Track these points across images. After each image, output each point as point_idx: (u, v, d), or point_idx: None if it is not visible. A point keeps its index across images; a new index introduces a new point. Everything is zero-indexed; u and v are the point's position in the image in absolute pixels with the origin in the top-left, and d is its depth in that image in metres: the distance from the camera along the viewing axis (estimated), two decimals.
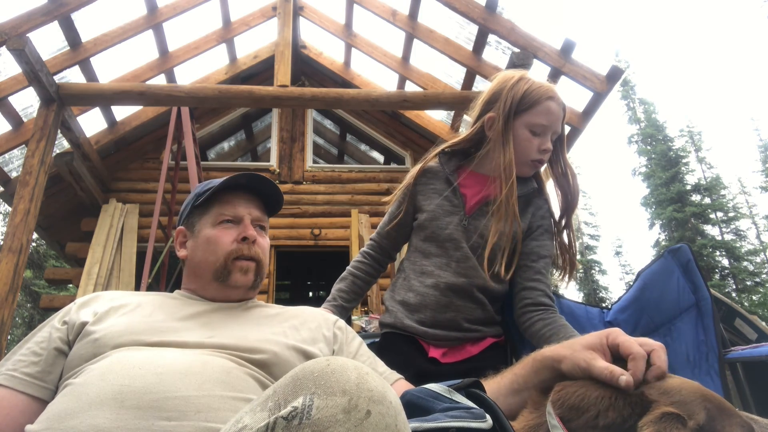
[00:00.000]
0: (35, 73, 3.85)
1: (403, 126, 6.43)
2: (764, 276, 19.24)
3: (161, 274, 4.99)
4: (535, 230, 1.41)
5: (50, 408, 0.79)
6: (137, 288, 4.70)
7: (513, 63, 4.15)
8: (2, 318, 3.48)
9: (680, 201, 20.99)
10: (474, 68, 4.86)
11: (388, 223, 1.53)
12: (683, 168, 21.97)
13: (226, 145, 7.33)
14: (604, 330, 0.79)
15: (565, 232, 1.45)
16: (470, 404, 0.66)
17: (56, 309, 2.96)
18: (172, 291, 1.11)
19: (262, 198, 1.14)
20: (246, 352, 0.89)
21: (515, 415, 0.78)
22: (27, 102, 4.87)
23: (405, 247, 1.57)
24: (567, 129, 4.67)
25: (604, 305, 2.18)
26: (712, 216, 20.84)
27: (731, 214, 20.98)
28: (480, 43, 4.73)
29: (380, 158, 7.24)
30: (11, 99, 4.58)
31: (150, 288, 4.34)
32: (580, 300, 14.11)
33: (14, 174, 5.03)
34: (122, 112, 5.48)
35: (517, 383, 0.86)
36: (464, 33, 4.89)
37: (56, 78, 4.25)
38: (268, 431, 0.49)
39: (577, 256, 1.49)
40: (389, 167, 6.65)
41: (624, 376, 0.69)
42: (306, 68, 6.49)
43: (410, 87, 5.58)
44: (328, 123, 7.15)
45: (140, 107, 5.41)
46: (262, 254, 1.09)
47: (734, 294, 18.79)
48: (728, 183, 22.15)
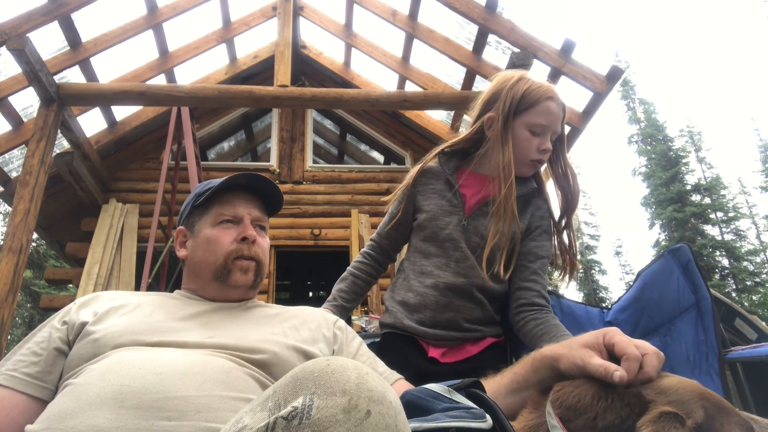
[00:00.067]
0: (35, 73, 3.85)
1: (403, 126, 6.43)
2: (764, 276, 19.24)
3: (161, 274, 4.99)
4: (534, 230, 1.41)
5: (50, 408, 0.79)
6: (137, 288, 4.70)
7: (513, 63, 4.15)
8: (2, 318, 3.48)
9: (680, 201, 20.98)
10: (474, 68, 4.86)
11: (388, 224, 1.53)
12: (683, 168, 21.97)
13: (226, 145, 7.33)
14: (602, 329, 0.79)
15: (566, 233, 1.45)
16: (470, 404, 0.66)
17: (56, 309, 2.96)
18: (172, 291, 1.11)
19: (262, 198, 1.14)
20: (246, 352, 0.89)
21: (515, 415, 0.78)
22: (27, 102, 4.88)
23: (405, 248, 1.57)
24: (567, 129, 4.68)
25: (604, 305, 2.18)
26: (712, 216, 20.83)
27: (731, 214, 20.97)
28: (480, 43, 4.73)
29: (380, 158, 7.23)
30: (11, 99, 4.58)
31: (150, 288, 4.34)
32: (580, 300, 14.11)
33: (14, 174, 5.03)
34: (122, 112, 5.48)
35: (517, 382, 0.86)
36: (464, 33, 4.89)
37: (56, 78, 4.25)
38: (268, 431, 0.49)
39: (578, 257, 1.49)
40: (389, 167, 6.65)
41: (618, 372, 0.69)
42: (306, 68, 6.49)
43: (410, 87, 5.58)
44: (328, 123, 7.15)
45: (140, 107, 5.41)
46: (262, 254, 1.09)
47: (734, 294, 18.78)
48: (728, 183, 22.18)
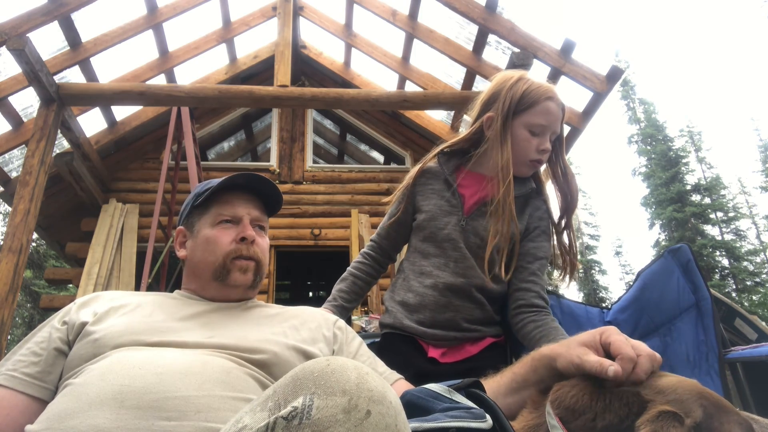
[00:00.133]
0: (35, 73, 3.85)
1: (403, 126, 6.43)
2: (764, 276, 19.24)
3: (161, 274, 4.99)
4: (533, 231, 1.41)
5: (50, 408, 0.79)
6: (137, 288, 4.70)
7: (513, 63, 4.15)
8: (2, 318, 3.48)
9: (680, 201, 20.98)
10: (474, 68, 4.86)
11: (388, 224, 1.53)
12: (683, 168, 21.97)
13: (226, 145, 7.33)
14: (600, 328, 0.79)
15: (565, 233, 1.45)
16: (470, 404, 0.66)
17: (56, 309, 2.96)
18: (172, 291, 1.11)
19: (262, 198, 1.14)
20: (246, 352, 0.89)
21: (515, 415, 0.79)
22: (27, 102, 4.88)
23: (405, 248, 1.57)
24: (567, 129, 4.68)
25: (604, 305, 2.18)
26: (712, 216, 20.84)
27: (731, 214, 20.98)
28: (480, 43, 4.73)
29: (380, 158, 7.23)
30: (11, 99, 4.58)
31: (150, 288, 4.34)
32: (580, 300, 14.11)
33: (14, 174, 5.03)
34: (122, 112, 5.48)
35: (517, 382, 0.86)
36: (464, 33, 4.89)
37: (56, 78, 4.25)
38: (268, 431, 0.49)
39: (578, 257, 1.49)
40: (389, 167, 6.65)
41: (613, 367, 0.69)
42: (306, 68, 6.49)
43: (410, 87, 5.58)
44: (328, 123, 7.15)
45: (140, 107, 5.41)
46: (261, 254, 1.09)
47: (734, 294, 18.79)
48: (728, 183, 22.20)
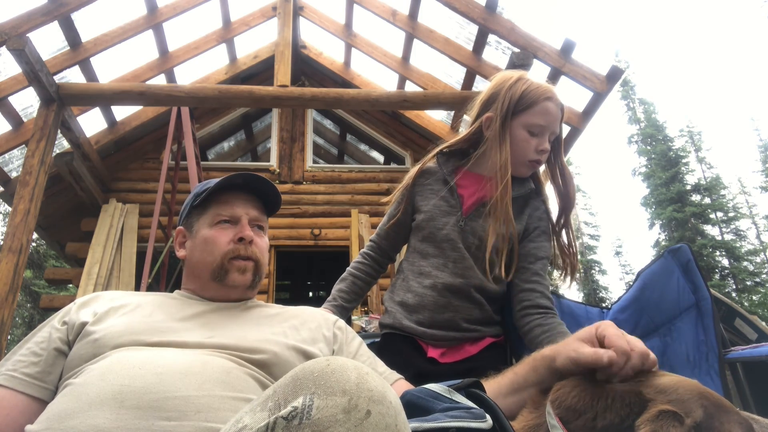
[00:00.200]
0: (35, 73, 3.85)
1: (403, 126, 6.43)
2: (764, 276, 19.24)
3: (161, 274, 4.99)
4: (532, 231, 1.41)
5: (50, 408, 0.79)
6: (137, 288, 4.70)
7: (513, 63, 4.15)
8: (2, 318, 3.48)
9: (680, 201, 20.98)
10: (474, 68, 4.86)
11: (387, 224, 1.53)
12: (683, 168, 21.96)
13: (226, 145, 7.33)
14: (596, 323, 0.79)
15: (564, 234, 1.45)
16: (470, 404, 0.66)
17: (56, 309, 2.96)
18: (172, 291, 1.11)
19: (261, 198, 1.14)
20: (246, 352, 0.89)
21: (515, 415, 0.79)
22: (27, 102, 4.87)
23: (405, 248, 1.57)
24: (566, 129, 4.68)
25: (604, 305, 2.18)
26: (712, 216, 20.83)
27: (731, 214, 20.97)
28: (480, 43, 4.73)
29: (380, 158, 7.23)
30: (11, 99, 4.58)
31: (150, 288, 4.34)
32: (580, 300, 14.11)
33: (14, 174, 5.02)
34: (122, 112, 5.48)
35: (517, 382, 0.86)
36: (464, 33, 4.89)
37: (56, 78, 4.25)
38: (268, 431, 0.49)
39: (578, 257, 1.49)
40: (389, 167, 6.65)
41: (608, 353, 0.69)
42: (306, 68, 6.49)
43: (410, 87, 5.58)
44: (328, 123, 7.15)
45: (140, 107, 5.41)
46: (260, 254, 1.09)
47: (734, 294, 18.78)
48: (728, 183, 22.19)
